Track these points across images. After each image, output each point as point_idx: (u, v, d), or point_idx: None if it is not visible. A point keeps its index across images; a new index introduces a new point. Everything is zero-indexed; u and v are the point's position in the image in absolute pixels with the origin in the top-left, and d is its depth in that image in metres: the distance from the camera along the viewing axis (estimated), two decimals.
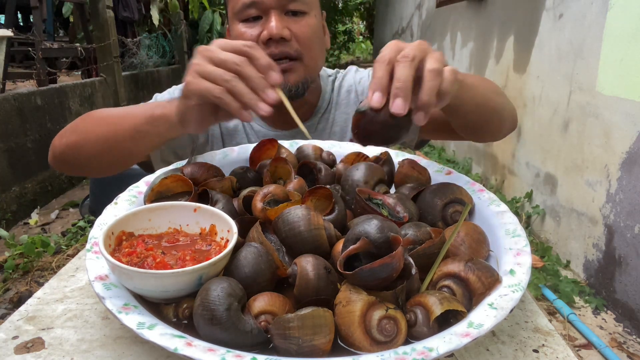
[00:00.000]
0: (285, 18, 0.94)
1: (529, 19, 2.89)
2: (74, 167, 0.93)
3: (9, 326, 0.56)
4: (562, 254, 2.47)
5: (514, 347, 0.54)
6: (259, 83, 0.62)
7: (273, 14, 0.93)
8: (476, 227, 0.60)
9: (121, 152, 0.84)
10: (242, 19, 0.96)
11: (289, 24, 0.94)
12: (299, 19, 0.95)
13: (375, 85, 0.57)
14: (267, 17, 0.93)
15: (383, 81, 0.57)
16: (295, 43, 0.95)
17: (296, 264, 0.51)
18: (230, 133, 1.09)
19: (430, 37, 5.42)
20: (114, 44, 4.98)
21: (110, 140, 0.83)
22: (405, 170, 0.74)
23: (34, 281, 2.34)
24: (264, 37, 0.93)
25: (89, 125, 0.87)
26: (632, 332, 1.92)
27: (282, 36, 0.92)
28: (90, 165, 0.92)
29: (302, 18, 0.96)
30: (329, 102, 1.13)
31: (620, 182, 2.01)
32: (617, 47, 2.03)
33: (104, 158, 0.87)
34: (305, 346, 0.45)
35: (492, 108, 0.84)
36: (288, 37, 0.93)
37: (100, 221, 0.62)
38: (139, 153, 0.85)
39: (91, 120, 0.88)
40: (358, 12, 13.20)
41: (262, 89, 0.62)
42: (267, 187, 0.63)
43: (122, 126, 0.81)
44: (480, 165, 3.75)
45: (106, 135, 0.83)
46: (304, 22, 0.96)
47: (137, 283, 0.50)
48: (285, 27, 0.93)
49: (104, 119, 0.87)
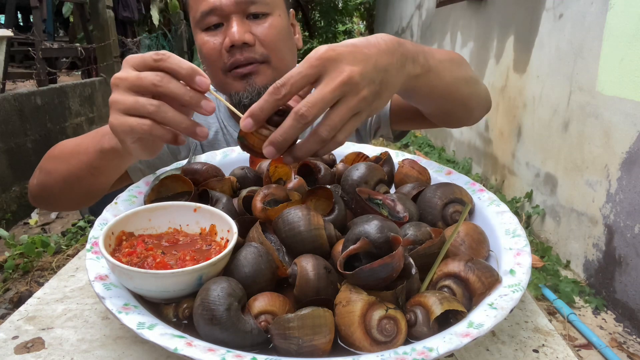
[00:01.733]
0: (247, 22, 0.92)
1: (529, 19, 2.89)
2: (48, 205, 0.92)
3: (9, 326, 0.56)
4: (562, 254, 2.47)
5: (514, 347, 0.54)
6: (190, 98, 0.56)
7: (234, 19, 0.90)
8: (476, 227, 0.60)
9: (84, 188, 0.81)
10: (203, 27, 0.93)
11: (252, 27, 0.91)
12: (262, 21, 0.92)
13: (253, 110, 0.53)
14: (228, 23, 0.91)
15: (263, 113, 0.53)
16: (260, 47, 0.92)
17: (296, 264, 0.51)
18: (211, 143, 1.06)
19: (430, 37, 5.42)
20: (114, 44, 4.98)
21: (69, 179, 0.80)
22: (405, 170, 0.74)
23: (34, 281, 2.34)
24: (226, 44, 0.90)
25: (50, 164, 0.85)
26: (632, 332, 1.92)
27: (245, 41, 0.90)
28: (60, 203, 0.89)
29: (265, 20, 0.93)
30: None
31: (620, 182, 2.01)
32: (617, 47, 2.03)
33: (68, 195, 0.84)
34: (305, 346, 0.45)
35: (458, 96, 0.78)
36: (251, 41, 0.91)
37: (100, 221, 0.62)
38: (102, 185, 0.81)
39: (52, 158, 0.85)
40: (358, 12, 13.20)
41: (195, 104, 0.56)
42: (267, 187, 0.63)
43: (77, 164, 0.77)
44: (480, 165, 3.75)
45: (64, 175, 0.80)
46: (267, 24, 0.92)
47: (137, 283, 0.50)
48: (247, 32, 0.90)
49: (60, 156, 0.84)
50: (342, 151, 0.84)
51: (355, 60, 0.53)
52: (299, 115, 0.51)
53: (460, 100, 0.79)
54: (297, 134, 0.53)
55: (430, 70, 0.66)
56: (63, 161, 0.82)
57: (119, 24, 5.64)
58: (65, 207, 0.92)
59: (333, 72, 0.52)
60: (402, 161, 0.75)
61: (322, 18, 9.98)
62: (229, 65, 0.93)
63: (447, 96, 0.75)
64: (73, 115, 4.13)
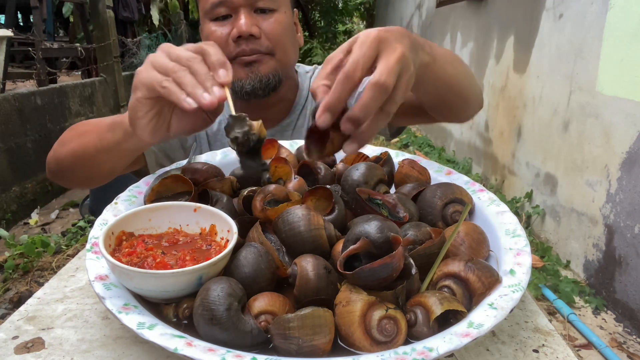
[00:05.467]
0: (255, 15, 0.95)
1: (529, 19, 2.89)
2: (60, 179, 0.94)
3: (9, 326, 0.56)
4: (562, 254, 2.47)
5: (514, 347, 0.54)
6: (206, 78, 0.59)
7: (242, 12, 0.93)
8: (476, 227, 0.60)
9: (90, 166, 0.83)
10: (212, 17, 0.97)
11: (258, 21, 0.95)
12: (268, 16, 0.96)
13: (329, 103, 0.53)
14: (237, 15, 0.94)
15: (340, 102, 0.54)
16: (266, 40, 0.96)
17: (296, 264, 0.51)
18: (215, 134, 1.09)
19: (430, 37, 5.42)
20: (114, 44, 4.98)
21: (78, 154, 0.82)
22: (405, 170, 0.74)
23: (34, 281, 2.34)
24: (233, 35, 0.94)
25: (66, 137, 0.87)
26: (632, 332, 1.92)
27: (252, 33, 0.93)
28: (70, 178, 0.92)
29: (272, 15, 0.96)
30: (306, 99, 1.13)
31: (620, 182, 2.01)
32: (617, 47, 2.03)
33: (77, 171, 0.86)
34: (305, 346, 0.45)
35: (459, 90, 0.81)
36: (257, 34, 0.94)
37: (100, 221, 0.62)
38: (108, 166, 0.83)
39: (70, 132, 0.88)
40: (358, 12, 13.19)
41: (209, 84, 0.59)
42: (267, 187, 0.63)
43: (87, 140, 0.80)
44: (480, 165, 3.75)
45: (74, 149, 0.83)
46: (273, 19, 0.96)
47: (137, 283, 0.50)
48: (254, 25, 0.94)
49: (77, 132, 0.86)
50: (342, 151, 0.84)
51: (399, 40, 0.56)
52: (380, 84, 0.52)
53: (460, 93, 0.82)
54: (378, 106, 0.53)
55: (435, 60, 0.68)
56: (77, 136, 0.85)
57: (119, 24, 5.64)
58: (75, 183, 0.95)
59: (389, 49, 0.55)
60: (402, 161, 0.75)
61: (322, 18, 9.98)
62: (234, 54, 0.96)
63: (450, 88, 0.78)
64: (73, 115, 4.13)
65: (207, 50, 0.61)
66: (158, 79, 0.60)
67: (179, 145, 1.07)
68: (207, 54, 0.60)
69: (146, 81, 0.61)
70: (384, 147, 0.84)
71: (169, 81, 0.59)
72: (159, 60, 0.61)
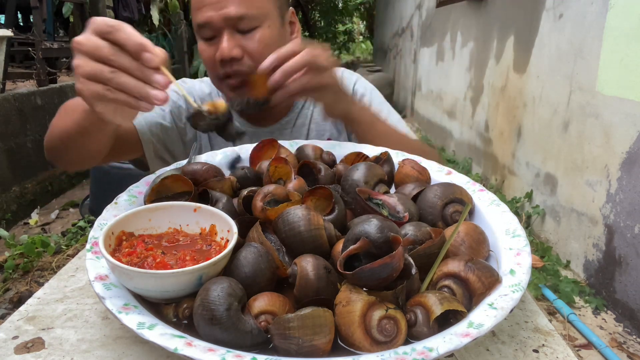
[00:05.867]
0: (237, 36, 0.96)
1: (529, 19, 2.89)
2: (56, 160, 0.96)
3: (9, 326, 0.56)
4: (562, 254, 2.47)
5: (514, 347, 0.54)
6: (141, 73, 0.60)
7: (224, 33, 0.95)
8: (476, 227, 0.60)
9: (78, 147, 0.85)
10: (201, 37, 0.99)
11: (241, 41, 0.96)
12: (251, 35, 0.97)
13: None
14: (220, 36, 0.96)
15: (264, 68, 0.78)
16: (248, 59, 0.96)
17: (296, 264, 0.51)
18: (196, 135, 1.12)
19: (430, 37, 5.42)
20: None
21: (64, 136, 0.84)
22: (405, 170, 0.74)
23: (34, 281, 2.34)
24: (217, 58, 0.96)
25: (55, 118, 0.89)
26: (632, 332, 1.92)
27: (232, 57, 0.94)
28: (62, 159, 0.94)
29: (254, 33, 0.97)
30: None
31: (620, 182, 2.01)
32: (617, 47, 2.03)
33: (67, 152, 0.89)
34: (305, 346, 0.45)
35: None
36: (239, 56, 0.95)
37: (100, 221, 0.62)
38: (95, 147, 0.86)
39: (59, 112, 0.90)
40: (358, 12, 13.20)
41: (148, 78, 0.60)
42: (267, 187, 0.63)
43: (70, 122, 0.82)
44: (480, 165, 3.75)
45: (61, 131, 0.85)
46: (255, 38, 0.96)
47: (137, 283, 0.50)
48: (235, 47, 0.95)
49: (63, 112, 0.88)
50: (342, 151, 0.84)
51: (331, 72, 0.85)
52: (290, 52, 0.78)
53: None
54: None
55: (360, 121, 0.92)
56: (62, 117, 0.87)
57: None
58: (68, 164, 0.97)
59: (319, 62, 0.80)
60: (402, 161, 0.75)
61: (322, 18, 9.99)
62: (222, 75, 0.99)
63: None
64: None
65: (117, 38, 0.60)
66: (102, 93, 0.61)
67: (178, 137, 1.10)
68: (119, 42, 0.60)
69: (88, 95, 0.62)
70: (384, 147, 0.84)
71: (112, 91, 0.61)
72: (86, 69, 0.61)
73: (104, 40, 0.60)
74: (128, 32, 0.60)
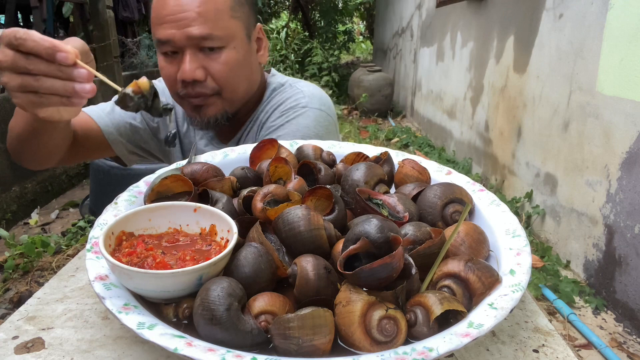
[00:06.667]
0: (201, 56, 0.92)
1: (529, 19, 2.89)
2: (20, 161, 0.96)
3: (9, 326, 0.56)
4: (562, 254, 2.47)
5: (514, 347, 0.54)
6: (61, 73, 0.62)
7: (187, 52, 0.91)
8: (476, 227, 0.60)
9: (35, 146, 0.86)
10: (161, 52, 0.95)
11: (205, 62, 0.92)
12: (216, 55, 0.92)
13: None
14: (182, 55, 0.92)
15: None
16: (211, 81, 0.93)
17: (296, 264, 0.51)
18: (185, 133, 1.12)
19: (430, 37, 5.42)
20: (114, 44, 4.98)
21: (20, 137, 0.86)
22: (405, 170, 0.74)
23: (34, 281, 2.34)
24: (179, 77, 0.92)
25: (11, 121, 0.90)
26: (632, 332, 1.92)
27: (195, 79, 0.91)
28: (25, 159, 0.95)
29: (220, 54, 0.93)
30: (260, 114, 1.09)
31: (620, 182, 2.01)
32: (617, 47, 2.03)
33: (27, 153, 0.90)
34: (305, 346, 0.45)
35: None
36: (201, 78, 0.92)
37: (100, 221, 0.62)
38: (52, 145, 0.87)
39: (15, 115, 0.90)
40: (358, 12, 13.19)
41: (69, 76, 0.62)
42: (267, 187, 0.63)
43: (21, 123, 0.84)
44: (480, 165, 3.75)
45: (17, 133, 0.87)
46: (221, 59, 0.93)
47: (137, 283, 0.50)
48: (198, 68, 0.91)
49: (15, 114, 0.89)
50: (342, 151, 0.84)
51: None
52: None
53: None
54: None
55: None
56: (16, 119, 0.88)
57: (119, 24, 5.64)
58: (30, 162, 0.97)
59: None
60: (402, 161, 0.75)
61: (322, 18, 9.98)
62: (182, 94, 0.96)
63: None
64: None
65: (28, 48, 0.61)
66: (34, 100, 0.64)
67: (150, 136, 1.09)
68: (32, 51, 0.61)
69: (26, 105, 0.65)
70: (384, 147, 0.84)
71: (44, 97, 0.63)
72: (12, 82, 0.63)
73: (17, 52, 0.61)
74: (36, 39, 0.61)
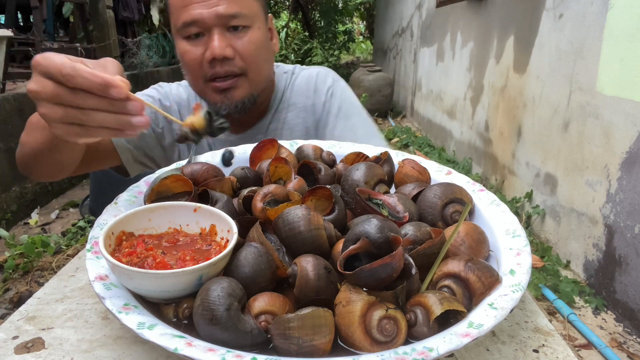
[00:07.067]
0: (228, 35, 0.93)
1: (529, 19, 2.89)
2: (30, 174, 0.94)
3: (9, 326, 0.56)
4: (562, 254, 2.47)
5: (514, 347, 0.54)
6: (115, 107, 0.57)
7: (215, 32, 0.92)
8: (476, 227, 0.60)
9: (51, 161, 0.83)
10: (184, 35, 0.95)
11: (232, 40, 0.93)
12: (242, 35, 0.94)
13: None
14: (209, 35, 0.92)
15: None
16: (239, 60, 0.94)
17: (296, 264, 0.51)
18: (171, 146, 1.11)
19: (430, 37, 5.42)
20: (114, 44, 4.98)
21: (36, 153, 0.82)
22: (405, 170, 0.74)
23: (34, 281, 2.34)
24: (207, 57, 0.93)
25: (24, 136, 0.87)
26: (632, 332, 1.92)
27: (225, 56, 0.92)
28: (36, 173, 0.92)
29: (246, 33, 0.94)
30: (280, 101, 1.12)
31: (620, 182, 2.01)
32: (617, 47, 2.03)
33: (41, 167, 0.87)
34: (306, 346, 0.45)
35: None
36: (231, 55, 0.93)
37: (100, 221, 0.62)
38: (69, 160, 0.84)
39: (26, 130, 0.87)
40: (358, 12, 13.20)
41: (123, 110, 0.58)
42: (267, 187, 0.63)
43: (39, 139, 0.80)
44: (480, 165, 3.75)
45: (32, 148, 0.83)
46: (247, 38, 0.94)
47: (137, 283, 0.50)
48: (228, 46, 0.92)
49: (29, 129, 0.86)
50: (342, 151, 0.84)
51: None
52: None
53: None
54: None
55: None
56: (32, 133, 0.84)
57: (119, 24, 5.64)
58: (42, 177, 0.95)
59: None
60: (402, 161, 0.75)
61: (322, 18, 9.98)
62: (209, 76, 0.95)
63: None
64: None
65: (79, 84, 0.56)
66: (79, 132, 0.59)
67: (156, 142, 1.08)
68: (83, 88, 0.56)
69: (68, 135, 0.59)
70: (384, 147, 0.84)
71: (92, 129, 0.58)
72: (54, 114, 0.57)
73: (59, 84, 0.56)
74: (86, 75, 0.55)
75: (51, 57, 0.56)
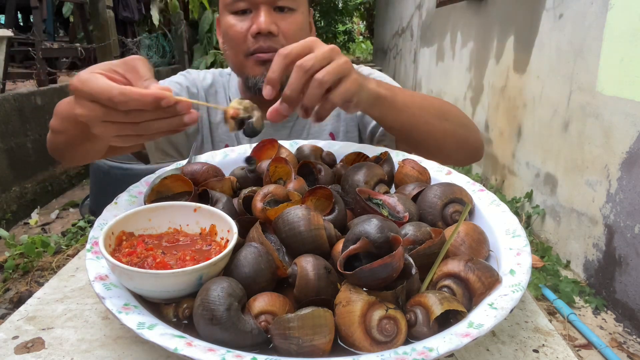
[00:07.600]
0: (274, 14, 0.97)
1: (529, 19, 2.89)
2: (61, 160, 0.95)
3: (9, 326, 0.56)
4: (562, 254, 2.47)
5: (514, 347, 0.54)
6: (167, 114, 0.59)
7: (262, 8, 0.96)
8: (476, 227, 0.60)
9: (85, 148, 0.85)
10: (232, 10, 0.99)
11: (277, 19, 0.97)
12: (287, 16, 0.98)
13: (269, 79, 0.66)
14: (257, 11, 0.96)
15: (275, 76, 0.66)
16: (282, 39, 0.98)
17: (296, 264, 0.51)
18: (218, 124, 1.13)
19: (430, 37, 5.42)
20: (114, 44, 4.98)
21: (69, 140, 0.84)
22: (406, 170, 0.74)
23: (34, 281, 2.34)
24: (253, 31, 0.96)
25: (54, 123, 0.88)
26: (632, 332, 1.92)
27: (270, 31, 0.96)
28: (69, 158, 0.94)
29: (291, 15, 0.99)
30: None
31: (620, 182, 2.01)
32: (617, 47, 2.03)
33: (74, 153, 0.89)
34: (305, 346, 0.45)
35: (428, 131, 0.86)
36: (275, 32, 0.96)
37: (100, 221, 0.62)
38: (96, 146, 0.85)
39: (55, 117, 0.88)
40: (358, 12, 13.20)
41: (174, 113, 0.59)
42: (267, 187, 0.63)
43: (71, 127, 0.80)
44: (480, 165, 3.75)
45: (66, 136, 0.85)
46: (291, 19, 0.98)
47: (137, 283, 0.50)
48: (273, 23, 0.96)
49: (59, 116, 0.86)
50: (342, 151, 0.84)
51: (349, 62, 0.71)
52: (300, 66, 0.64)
53: (433, 137, 0.88)
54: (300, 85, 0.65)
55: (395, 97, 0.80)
56: (61, 123, 0.85)
57: (119, 24, 5.64)
58: (73, 162, 0.97)
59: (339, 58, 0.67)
60: (402, 161, 0.75)
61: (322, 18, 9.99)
62: (252, 50, 0.99)
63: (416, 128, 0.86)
64: None
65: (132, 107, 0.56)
66: (133, 141, 0.61)
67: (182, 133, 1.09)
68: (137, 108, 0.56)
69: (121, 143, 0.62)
70: (384, 147, 0.84)
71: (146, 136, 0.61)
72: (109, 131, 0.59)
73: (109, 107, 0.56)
74: (137, 98, 0.55)
75: (91, 82, 0.56)
